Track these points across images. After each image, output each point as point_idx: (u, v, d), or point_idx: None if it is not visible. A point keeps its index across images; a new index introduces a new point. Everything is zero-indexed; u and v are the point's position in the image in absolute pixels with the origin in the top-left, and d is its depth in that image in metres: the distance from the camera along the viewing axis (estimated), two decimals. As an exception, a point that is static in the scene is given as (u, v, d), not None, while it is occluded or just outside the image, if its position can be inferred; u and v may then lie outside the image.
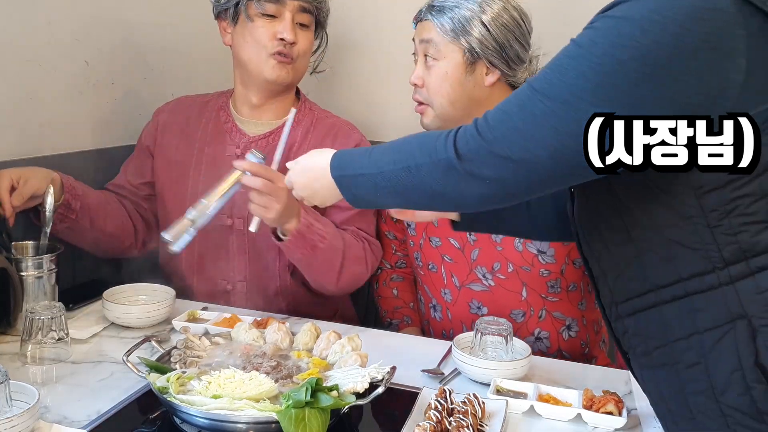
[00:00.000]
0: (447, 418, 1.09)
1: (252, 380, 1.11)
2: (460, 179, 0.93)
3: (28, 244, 1.52)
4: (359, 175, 1.05)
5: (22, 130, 1.62)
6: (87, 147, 1.79)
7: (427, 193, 0.98)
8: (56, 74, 1.69)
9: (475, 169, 0.91)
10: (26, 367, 1.31)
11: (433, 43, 1.56)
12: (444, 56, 1.56)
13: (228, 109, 1.79)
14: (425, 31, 1.58)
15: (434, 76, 1.57)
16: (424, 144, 0.97)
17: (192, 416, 1.06)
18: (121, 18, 1.86)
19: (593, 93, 0.84)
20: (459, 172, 0.92)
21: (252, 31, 1.65)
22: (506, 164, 0.89)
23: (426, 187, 0.97)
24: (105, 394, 1.21)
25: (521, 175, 0.90)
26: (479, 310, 1.66)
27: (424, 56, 1.59)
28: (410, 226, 1.77)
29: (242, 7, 1.65)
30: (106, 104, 1.85)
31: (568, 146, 0.86)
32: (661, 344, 0.97)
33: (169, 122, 1.79)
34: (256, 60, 1.67)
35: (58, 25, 1.67)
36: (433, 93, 1.58)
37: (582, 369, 1.46)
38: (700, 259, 0.91)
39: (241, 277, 1.73)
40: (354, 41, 2.08)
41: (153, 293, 1.59)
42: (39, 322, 1.31)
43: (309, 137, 1.75)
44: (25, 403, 1.06)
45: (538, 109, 0.87)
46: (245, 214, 1.66)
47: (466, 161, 0.92)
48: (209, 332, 1.40)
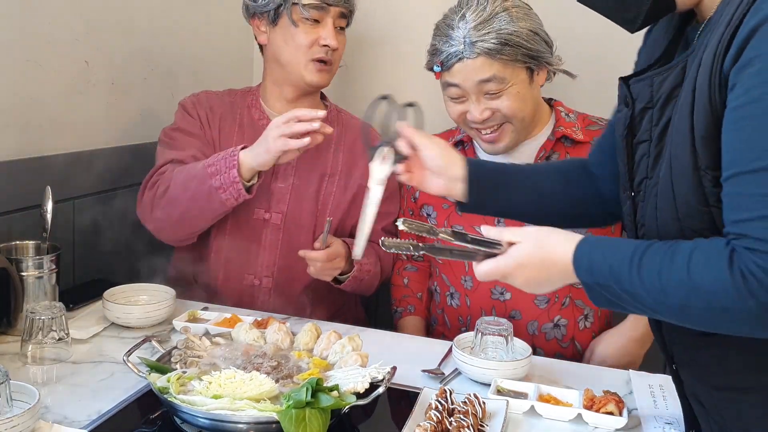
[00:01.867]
0: (447, 419, 1.09)
1: (252, 380, 1.11)
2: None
3: (29, 244, 1.52)
4: (620, 291, 0.92)
5: (22, 130, 1.62)
6: (87, 147, 1.79)
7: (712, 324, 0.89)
8: (56, 74, 1.68)
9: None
10: (26, 367, 1.31)
11: (496, 79, 1.53)
12: (511, 83, 1.55)
13: (260, 106, 1.81)
14: (479, 72, 1.53)
15: (507, 102, 1.56)
16: (700, 282, 0.86)
17: (193, 416, 1.06)
18: (121, 18, 1.85)
19: None
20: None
21: (294, 36, 1.68)
22: None
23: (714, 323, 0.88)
24: (105, 394, 1.21)
25: None
26: (502, 296, 1.66)
27: (483, 94, 1.56)
28: (430, 215, 1.76)
29: (285, 11, 1.67)
30: (106, 104, 1.85)
31: None
32: (742, 369, 0.96)
33: (205, 112, 1.77)
34: (295, 63, 1.71)
35: (58, 25, 1.67)
36: (512, 115, 1.58)
37: (582, 369, 1.46)
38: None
39: (268, 273, 1.74)
40: (372, 37, 2.08)
41: (153, 293, 1.59)
42: (39, 322, 1.31)
43: (343, 137, 1.81)
44: (26, 403, 1.06)
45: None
46: (283, 209, 1.73)
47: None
48: (209, 332, 1.40)
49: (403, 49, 2.09)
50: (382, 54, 2.12)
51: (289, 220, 1.73)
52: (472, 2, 1.56)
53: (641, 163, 1.02)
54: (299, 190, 1.74)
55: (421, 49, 1.68)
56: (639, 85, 1.00)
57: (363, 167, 1.75)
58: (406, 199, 1.83)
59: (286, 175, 1.74)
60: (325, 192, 1.76)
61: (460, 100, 1.60)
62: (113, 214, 1.85)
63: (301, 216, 1.74)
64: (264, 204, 1.72)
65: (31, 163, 1.61)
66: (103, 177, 1.81)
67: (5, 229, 1.54)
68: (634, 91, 1.01)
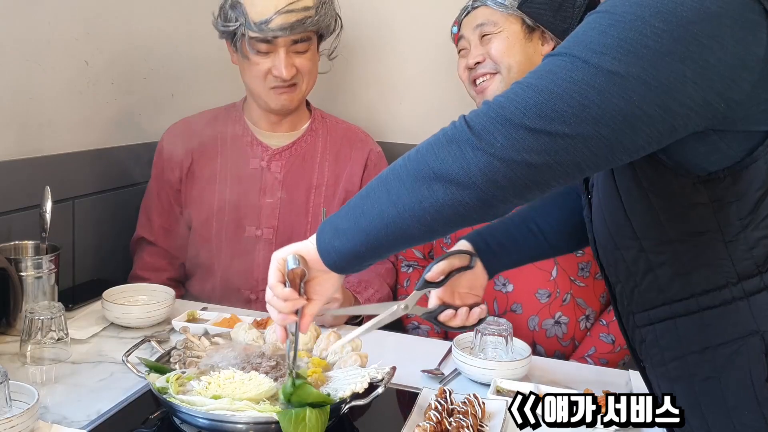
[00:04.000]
0: (447, 419, 1.09)
1: (252, 380, 1.11)
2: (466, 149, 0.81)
3: (28, 244, 1.52)
4: (341, 228, 0.91)
5: (22, 130, 1.62)
6: (87, 147, 1.79)
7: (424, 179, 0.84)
8: (56, 74, 1.68)
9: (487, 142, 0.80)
10: (26, 367, 1.30)
11: (489, 22, 1.64)
12: (502, 28, 1.65)
13: (243, 122, 1.80)
14: (478, 18, 1.67)
15: (496, 44, 1.65)
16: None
17: (192, 416, 1.06)
18: (121, 18, 1.85)
19: (617, 48, 0.77)
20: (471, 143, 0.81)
21: (249, 66, 1.67)
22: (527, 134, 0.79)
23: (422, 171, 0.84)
24: (105, 395, 1.21)
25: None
26: (504, 287, 1.67)
27: (479, 38, 1.66)
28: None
29: (237, 43, 1.66)
30: (106, 104, 1.85)
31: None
32: (677, 356, 0.96)
33: (182, 144, 1.78)
34: (257, 91, 1.71)
35: (58, 25, 1.67)
36: (499, 58, 1.65)
37: (582, 369, 1.46)
38: (713, 274, 0.90)
39: (263, 287, 1.74)
40: (360, 43, 2.08)
41: (152, 293, 1.59)
42: (39, 322, 1.31)
43: (328, 145, 1.80)
44: (25, 404, 1.05)
45: (559, 68, 0.79)
46: (274, 224, 1.74)
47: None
48: (209, 332, 1.40)
49: (390, 56, 2.09)
50: (366, 61, 2.11)
51: (281, 234, 1.74)
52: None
53: None
54: (288, 204, 1.74)
55: (412, 48, 1.70)
56: None
57: (349, 174, 1.78)
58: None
59: (274, 190, 1.74)
60: (314, 204, 1.76)
61: (465, 53, 1.71)
62: (113, 214, 1.86)
63: (292, 229, 1.74)
64: (254, 221, 1.73)
65: (31, 163, 1.61)
66: (103, 177, 1.81)
67: (4, 229, 1.54)
68: None
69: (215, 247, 1.75)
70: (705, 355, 0.93)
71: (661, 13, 0.77)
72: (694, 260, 0.91)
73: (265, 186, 1.74)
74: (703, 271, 0.91)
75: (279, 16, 1.59)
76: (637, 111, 0.76)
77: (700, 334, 0.93)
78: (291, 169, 1.73)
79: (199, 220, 1.76)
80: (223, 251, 1.75)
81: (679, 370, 0.96)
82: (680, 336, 0.95)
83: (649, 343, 1.00)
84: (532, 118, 0.77)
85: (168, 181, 1.78)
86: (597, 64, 0.77)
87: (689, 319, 0.93)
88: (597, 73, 0.76)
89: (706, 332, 0.92)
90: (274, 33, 1.60)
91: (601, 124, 0.76)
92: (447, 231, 0.87)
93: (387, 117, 2.11)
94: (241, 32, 1.63)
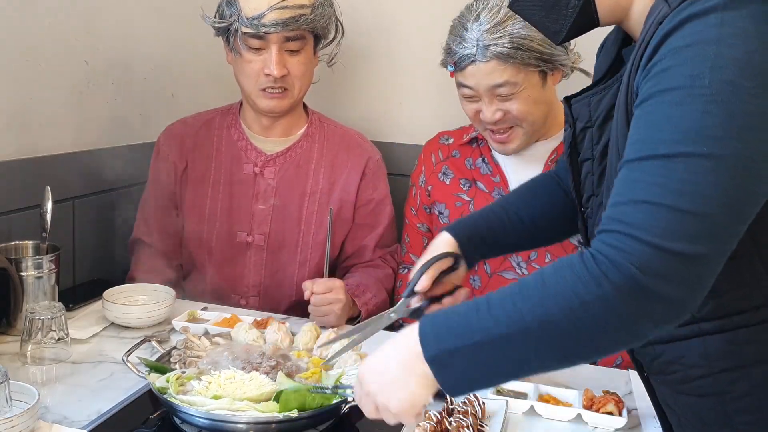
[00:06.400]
0: (447, 419, 1.09)
1: (252, 380, 1.11)
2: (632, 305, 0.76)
3: (28, 244, 1.52)
4: (471, 347, 0.81)
5: (22, 130, 1.62)
6: (87, 147, 1.79)
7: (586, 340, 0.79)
8: (56, 74, 1.68)
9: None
10: (26, 367, 1.30)
11: (508, 84, 1.51)
12: (522, 86, 1.53)
13: (239, 126, 1.79)
14: (493, 77, 1.51)
15: (518, 105, 1.54)
16: (551, 286, 0.79)
17: (192, 416, 1.06)
18: (121, 18, 1.85)
19: (726, 128, 0.75)
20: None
21: (242, 64, 1.66)
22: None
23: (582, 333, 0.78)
24: (105, 394, 1.21)
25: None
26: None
27: (495, 96, 1.54)
28: (442, 213, 1.75)
29: (231, 39, 1.65)
30: (106, 104, 1.85)
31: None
32: (705, 374, 0.94)
33: (178, 146, 1.78)
34: (248, 91, 1.69)
35: (58, 25, 1.67)
36: (522, 118, 1.56)
37: (582, 369, 1.45)
38: (750, 294, 0.89)
39: (254, 292, 1.75)
40: (360, 44, 2.08)
41: (153, 293, 1.59)
42: (39, 322, 1.31)
43: (324, 151, 1.77)
44: (25, 403, 1.06)
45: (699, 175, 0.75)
46: (265, 230, 1.73)
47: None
48: (209, 332, 1.40)
49: (394, 49, 2.08)
50: (366, 62, 2.11)
51: (272, 241, 1.73)
52: (488, 1, 1.54)
53: (586, 180, 1.03)
54: (280, 210, 1.73)
55: (412, 51, 1.67)
56: (579, 104, 1.03)
57: (343, 183, 1.76)
58: (420, 195, 1.79)
59: (267, 196, 1.73)
60: (307, 211, 1.74)
61: (473, 100, 1.59)
62: (113, 214, 1.86)
63: (284, 236, 1.73)
64: (246, 227, 1.73)
65: (31, 163, 1.61)
66: (103, 177, 1.81)
67: (5, 229, 1.54)
68: (574, 110, 1.03)
69: (206, 252, 1.75)
70: (738, 373, 0.92)
71: (743, 69, 0.75)
72: (729, 281, 0.87)
73: (258, 192, 1.73)
74: (739, 292, 0.90)
75: (272, 11, 1.58)
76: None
77: (731, 352, 0.92)
78: (285, 176, 1.72)
79: (191, 224, 1.76)
80: (214, 256, 1.74)
81: (707, 388, 0.95)
82: (708, 354, 0.93)
83: (665, 360, 0.98)
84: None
85: (164, 182, 1.78)
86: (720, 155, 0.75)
87: (720, 337, 0.92)
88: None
89: (740, 351, 0.91)
90: (267, 29, 1.59)
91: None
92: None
93: (386, 118, 2.10)
94: (234, 28, 1.62)
